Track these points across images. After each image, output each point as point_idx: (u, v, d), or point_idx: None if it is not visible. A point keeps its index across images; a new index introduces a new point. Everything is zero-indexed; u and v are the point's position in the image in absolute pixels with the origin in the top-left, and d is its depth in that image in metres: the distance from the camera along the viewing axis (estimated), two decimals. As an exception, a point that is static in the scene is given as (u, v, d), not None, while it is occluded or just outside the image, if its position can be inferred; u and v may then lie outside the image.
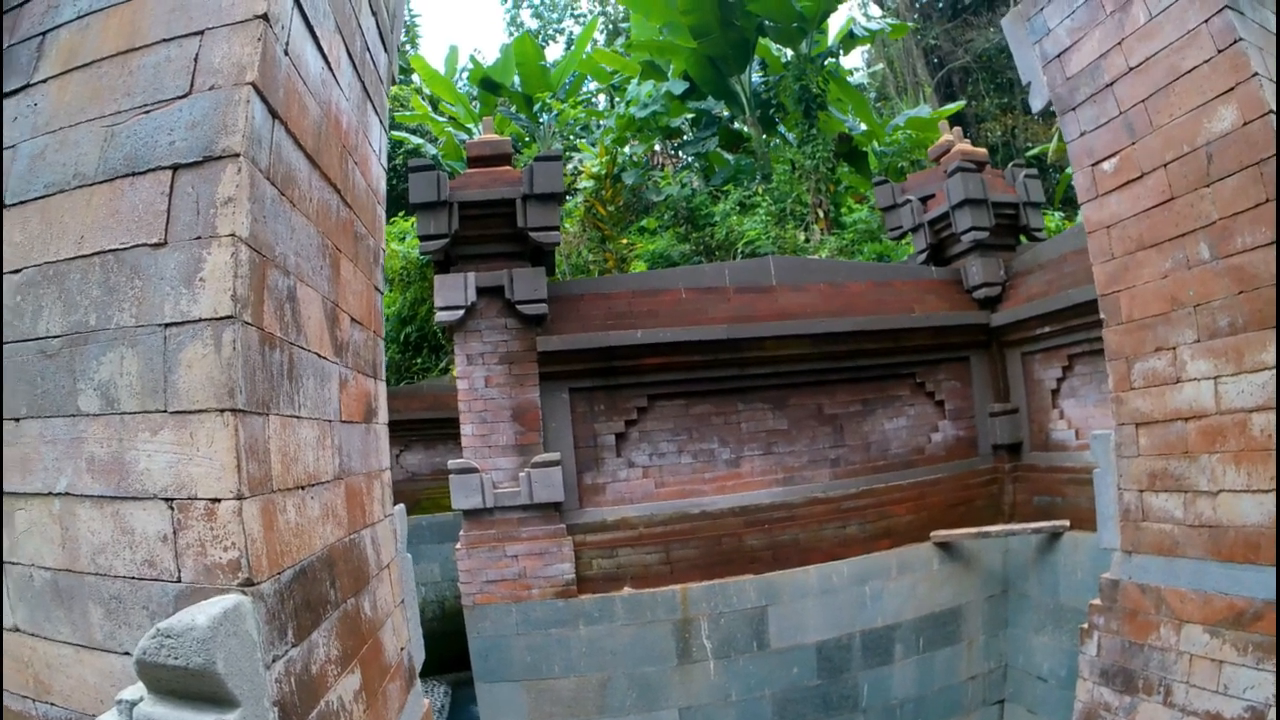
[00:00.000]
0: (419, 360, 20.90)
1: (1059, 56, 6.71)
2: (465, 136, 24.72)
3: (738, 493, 10.91)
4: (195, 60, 3.08)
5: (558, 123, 25.41)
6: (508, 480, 10.17)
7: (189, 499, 2.77)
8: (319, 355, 3.78)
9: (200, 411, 2.79)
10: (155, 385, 2.84)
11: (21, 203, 3.21)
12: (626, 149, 23.72)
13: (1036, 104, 7.21)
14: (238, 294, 2.83)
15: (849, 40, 22.67)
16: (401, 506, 5.47)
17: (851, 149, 22.78)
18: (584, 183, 21.37)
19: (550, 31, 40.31)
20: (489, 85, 25.69)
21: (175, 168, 2.96)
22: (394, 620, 4.75)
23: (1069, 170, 19.99)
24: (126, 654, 2.81)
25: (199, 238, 2.87)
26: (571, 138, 26.22)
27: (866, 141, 23.14)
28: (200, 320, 2.82)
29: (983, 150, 13.21)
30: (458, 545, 10.05)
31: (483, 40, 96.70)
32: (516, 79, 25.30)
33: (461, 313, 10.30)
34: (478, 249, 10.63)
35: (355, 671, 3.78)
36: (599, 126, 26.91)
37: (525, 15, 41.67)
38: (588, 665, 9.94)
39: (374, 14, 4.94)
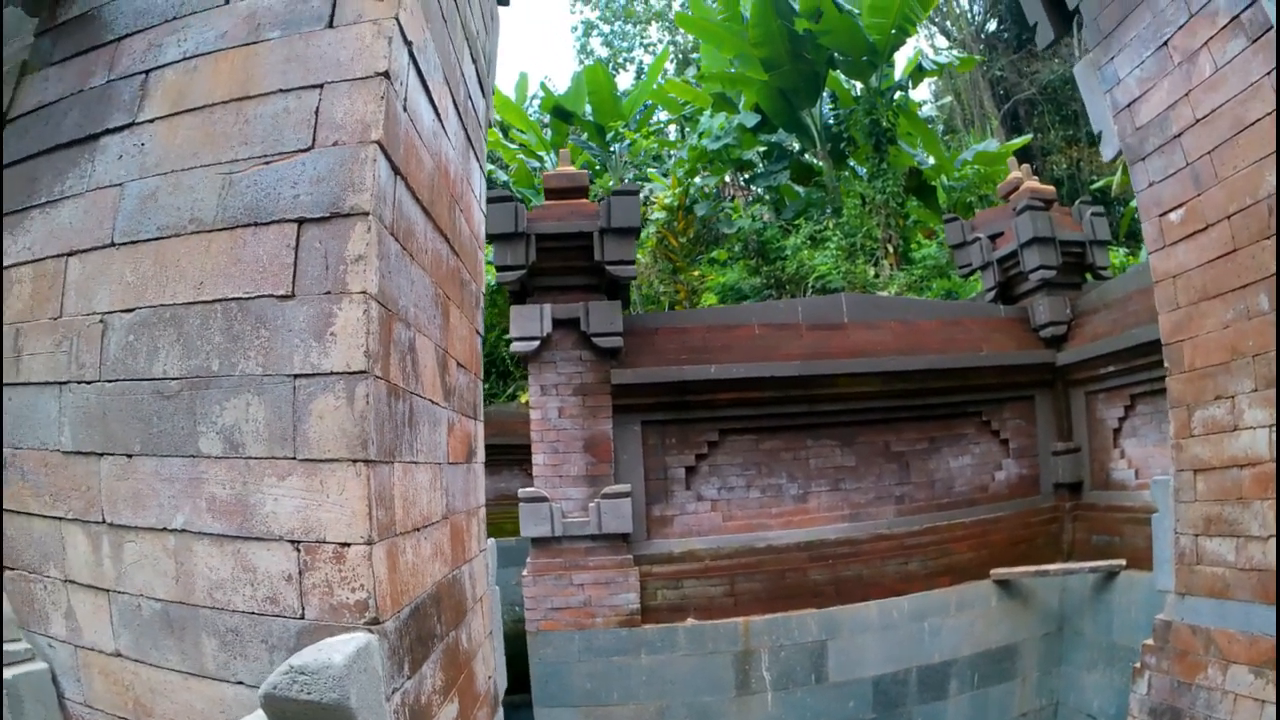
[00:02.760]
0: (486, 385, 21.02)
1: (1129, 106, 6.65)
2: (536, 164, 24.87)
3: (804, 528, 11.00)
4: (316, 114, 3.19)
5: (630, 152, 25.24)
6: (577, 510, 10.32)
7: (317, 542, 2.93)
8: (432, 402, 3.92)
9: (332, 461, 2.93)
10: (284, 433, 2.98)
11: (133, 242, 3.34)
12: (698, 180, 23.64)
13: (1108, 153, 7.18)
14: (370, 350, 2.98)
15: (918, 73, 22.47)
16: (493, 541, 5.63)
17: (920, 183, 22.60)
18: (656, 213, 21.31)
19: (620, 60, 40.19)
20: (561, 113, 25.79)
21: (301, 221, 3.10)
22: (484, 650, 4.91)
23: (1133, 203, 19.90)
24: (240, 683, 2.98)
25: (329, 293, 3.01)
26: (643, 167, 26.28)
27: (935, 175, 22.98)
28: (332, 374, 2.97)
29: (1050, 188, 13.28)
30: (524, 572, 10.19)
31: (552, 68, 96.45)
32: (588, 108, 25.34)
33: (537, 343, 10.48)
34: (554, 280, 10.79)
35: (454, 700, 3.93)
36: (670, 157, 26.89)
37: (595, 43, 41.61)
38: (647, 694, 10.05)
39: (474, 61, 5.05)
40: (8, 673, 3.27)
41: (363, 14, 3.31)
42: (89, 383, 3.34)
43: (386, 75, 3.22)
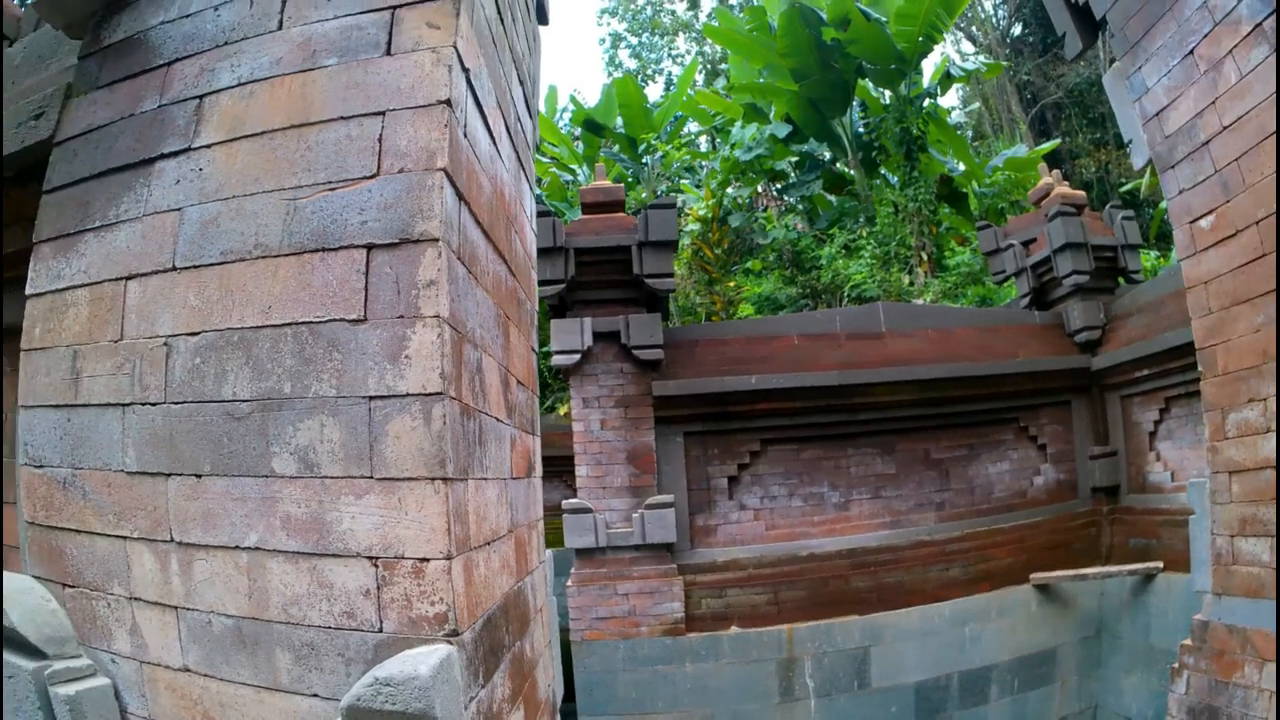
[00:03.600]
0: (525, 397, 21.09)
1: (1158, 115, 6.65)
2: (569, 177, 25.09)
3: (846, 535, 11.10)
4: (379, 141, 3.24)
5: (662, 164, 25.38)
6: (621, 521, 10.41)
7: (396, 558, 3.00)
8: (497, 419, 3.99)
9: (410, 479, 3.00)
10: (360, 453, 3.05)
11: (195, 267, 3.40)
12: (731, 191, 23.71)
13: (1138, 161, 7.17)
14: (445, 372, 3.05)
15: (946, 80, 22.54)
16: (550, 552, 5.72)
17: (952, 190, 22.61)
18: (690, 225, 21.43)
19: (649, 72, 40.32)
20: (592, 126, 25.87)
21: (370, 247, 3.16)
22: (545, 659, 4.98)
23: (1163, 205, 19.87)
24: (315, 695, 3.05)
25: (401, 317, 3.08)
26: (675, 179, 26.30)
27: (966, 182, 22.99)
28: (408, 395, 3.03)
29: (1081, 193, 13.22)
30: (568, 582, 10.27)
31: (580, 80, 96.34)
32: (619, 120, 25.43)
33: (578, 356, 10.59)
34: (593, 294, 10.89)
35: (520, 708, 4.00)
36: (702, 168, 26.94)
37: (623, 55, 41.84)
38: (691, 701, 10.13)
39: (520, 83, 5.11)
40: (70, 688, 3.31)
41: (420, 42, 3.36)
42: (154, 404, 3.39)
43: (448, 103, 3.26)
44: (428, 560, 2.98)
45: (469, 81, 3.59)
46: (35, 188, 4.16)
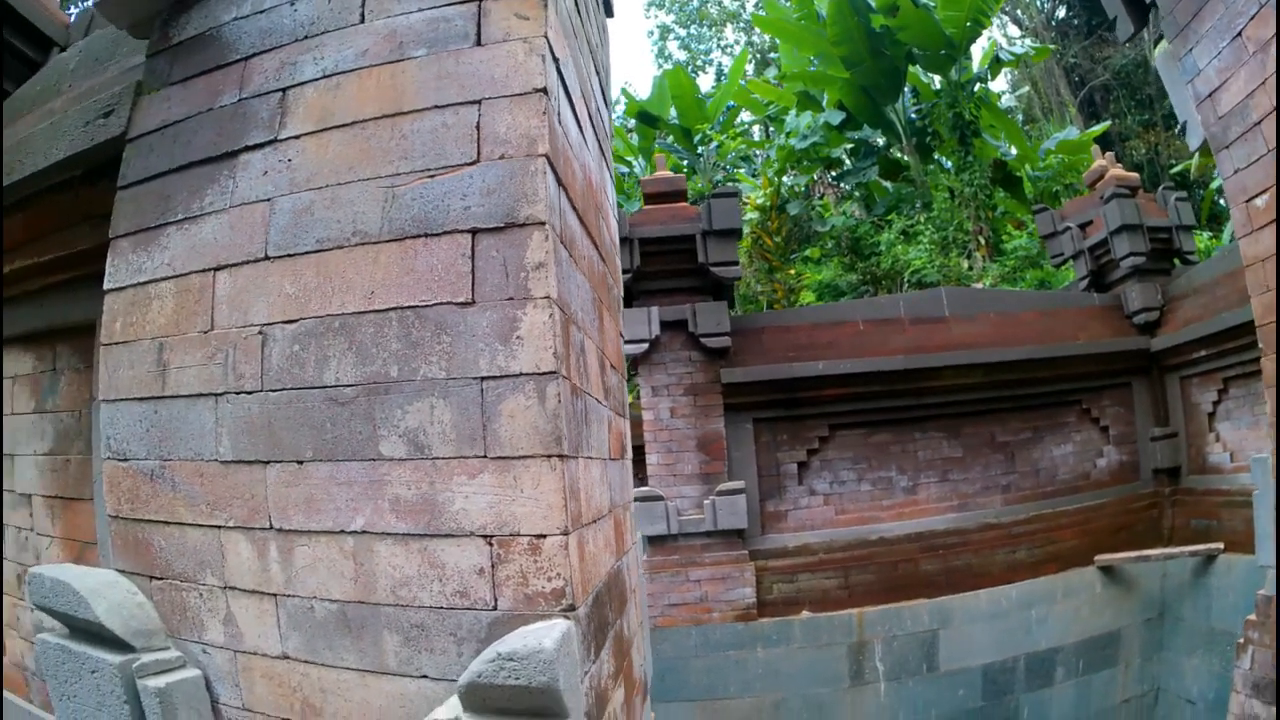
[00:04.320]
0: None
1: (1210, 96, 6.63)
2: (625, 169, 25.29)
3: (914, 519, 11.22)
4: (477, 129, 3.25)
5: (718, 154, 25.52)
6: (692, 508, 10.53)
7: (511, 535, 3.00)
8: (598, 400, 4.01)
9: (525, 458, 3.00)
10: (473, 433, 3.05)
11: (289, 255, 3.41)
12: (787, 179, 23.85)
13: (1193, 142, 7.16)
14: (557, 351, 3.06)
15: (995, 64, 22.73)
16: (641, 534, 5.75)
17: (1006, 174, 22.75)
18: (749, 214, 21.41)
19: (699, 63, 40.55)
20: (646, 118, 26.00)
21: (474, 231, 3.16)
22: (639, 639, 5.03)
23: (1213, 186, 19.77)
24: (424, 677, 3.05)
25: (511, 298, 3.09)
26: (731, 169, 26.36)
27: (1020, 166, 23.09)
28: (521, 375, 3.03)
29: (1134, 175, 13.39)
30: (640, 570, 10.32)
31: (630, 74, 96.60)
32: (673, 112, 25.51)
33: (646, 346, 10.74)
34: (659, 284, 11.03)
35: (621, 685, 4.03)
36: (758, 157, 27.01)
37: (672, 47, 42.06)
38: (763, 686, 10.21)
39: (597, 73, 5.12)
40: (160, 681, 3.32)
41: (510, 33, 3.37)
42: (250, 393, 3.41)
43: (544, 91, 3.27)
44: (544, 537, 2.99)
45: (559, 70, 3.60)
46: (106, 185, 4.20)
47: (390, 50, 3.49)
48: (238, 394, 3.44)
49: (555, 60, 3.50)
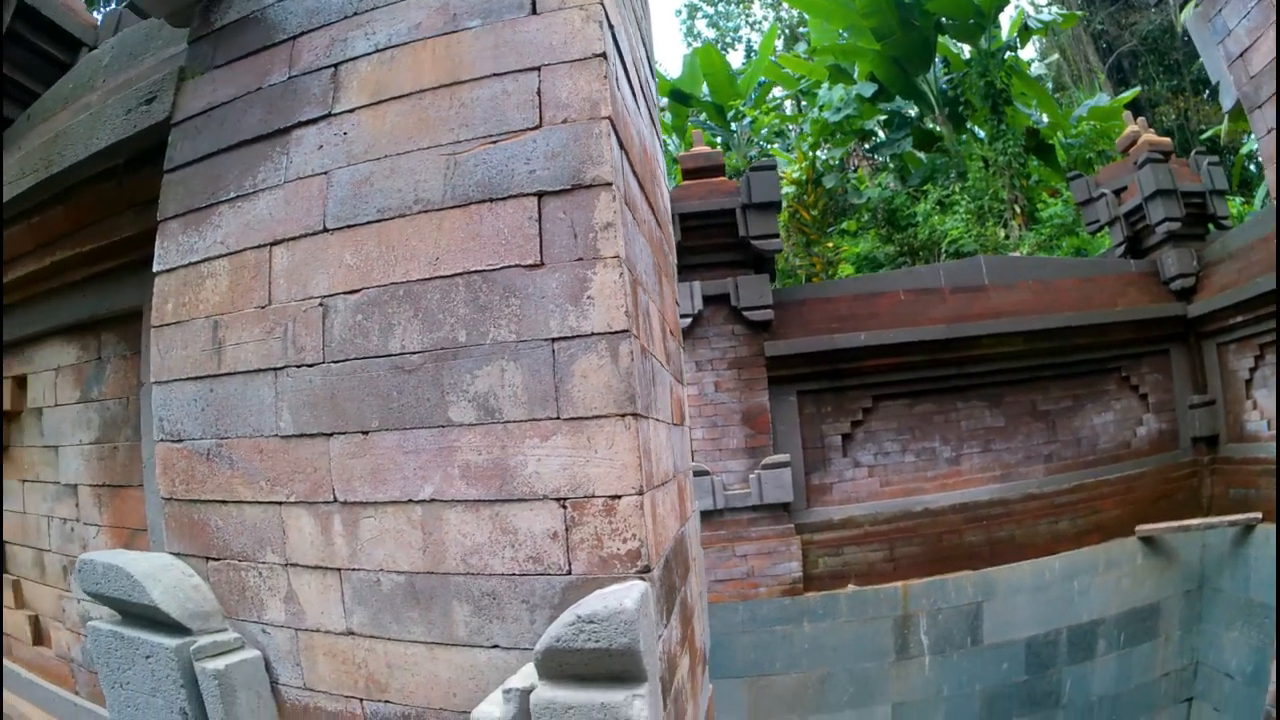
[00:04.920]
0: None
1: (1241, 56, 6.53)
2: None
3: (958, 490, 11.18)
4: (538, 94, 3.26)
5: (752, 130, 25.71)
6: (738, 482, 10.52)
7: (585, 497, 2.98)
8: (661, 364, 4.00)
9: (599, 417, 3.00)
10: (545, 395, 3.05)
11: (350, 226, 3.42)
12: (821, 153, 24.02)
13: (1227, 102, 7.10)
14: (629, 310, 3.05)
15: (1024, 32, 22.80)
16: (698, 503, 5.74)
17: (1039, 142, 22.76)
18: (785, 188, 21.34)
19: (728, 40, 40.78)
20: (679, 96, 26.14)
21: (540, 195, 3.16)
22: (699, 608, 5.01)
23: (1242, 151, 19.65)
24: (495, 647, 3.05)
25: (580, 259, 3.08)
26: (764, 144, 26.41)
27: (1052, 134, 23.11)
28: (593, 334, 3.03)
29: (1166, 140, 13.37)
30: (687, 545, 10.34)
31: (658, 53, 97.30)
32: (705, 88, 25.64)
33: (689, 320, 10.71)
34: (700, 258, 10.98)
35: (686, 653, 4.01)
36: (791, 131, 27.06)
37: (701, 25, 42.30)
38: (810, 662, 10.19)
39: (644, 44, 5.14)
40: (219, 663, 3.32)
41: (565, 1, 3.36)
42: (311, 365, 3.41)
43: (604, 56, 3.27)
44: (619, 497, 2.98)
45: (614, 37, 3.59)
46: (150, 171, 4.24)
47: (444, 22, 3.49)
48: (298, 367, 3.45)
49: (610, 27, 3.48)
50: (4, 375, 6.24)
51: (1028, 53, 32.58)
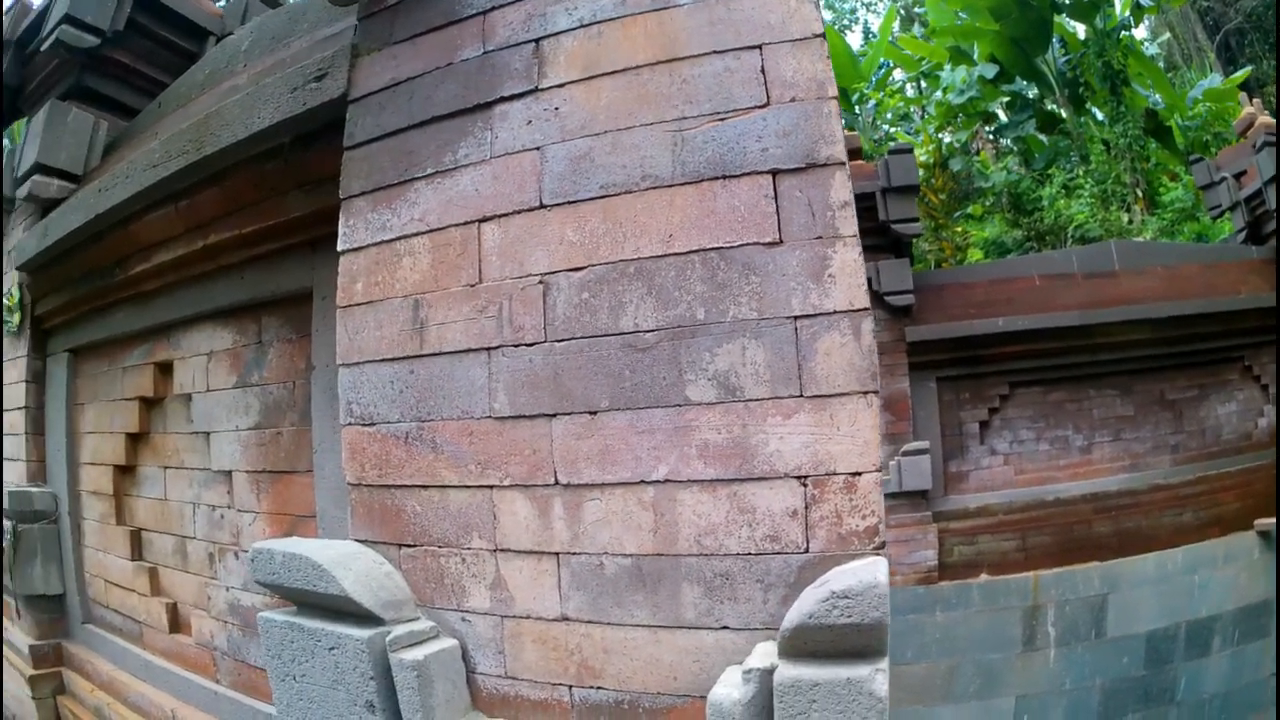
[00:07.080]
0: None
1: None
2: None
3: (1088, 479, 10.94)
4: (763, 72, 3.22)
5: (876, 113, 25.86)
6: (878, 469, 10.36)
7: (826, 474, 2.95)
8: None
9: (841, 395, 2.97)
10: (787, 373, 3.02)
11: (570, 203, 3.39)
12: (946, 136, 24.11)
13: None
14: (869, 289, 3.03)
15: (1137, 11, 22.61)
16: None
17: (1157, 124, 22.64)
18: None
19: (845, 23, 40.82)
20: (803, 79, 26.17)
21: (775, 172, 3.13)
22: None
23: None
24: (724, 628, 3.02)
25: (820, 237, 3.06)
26: (888, 128, 26.48)
27: (1169, 115, 22.90)
28: (834, 313, 3.00)
29: (1280, 121, 12.92)
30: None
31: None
32: (829, 71, 25.69)
33: (831, 305, 10.55)
34: (842, 243, 10.85)
35: None
36: (916, 114, 27.03)
37: (818, 6, 42.48)
38: (939, 652, 10.06)
39: None
40: (417, 653, 3.27)
41: None
42: (530, 345, 3.37)
43: (823, 37, 3.24)
44: (859, 474, 2.95)
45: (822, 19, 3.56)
46: (321, 148, 4.26)
47: (653, -1, 3.48)
48: (515, 347, 3.42)
49: (818, 8, 3.42)
50: (147, 362, 6.26)
51: (1139, 32, 32.44)
